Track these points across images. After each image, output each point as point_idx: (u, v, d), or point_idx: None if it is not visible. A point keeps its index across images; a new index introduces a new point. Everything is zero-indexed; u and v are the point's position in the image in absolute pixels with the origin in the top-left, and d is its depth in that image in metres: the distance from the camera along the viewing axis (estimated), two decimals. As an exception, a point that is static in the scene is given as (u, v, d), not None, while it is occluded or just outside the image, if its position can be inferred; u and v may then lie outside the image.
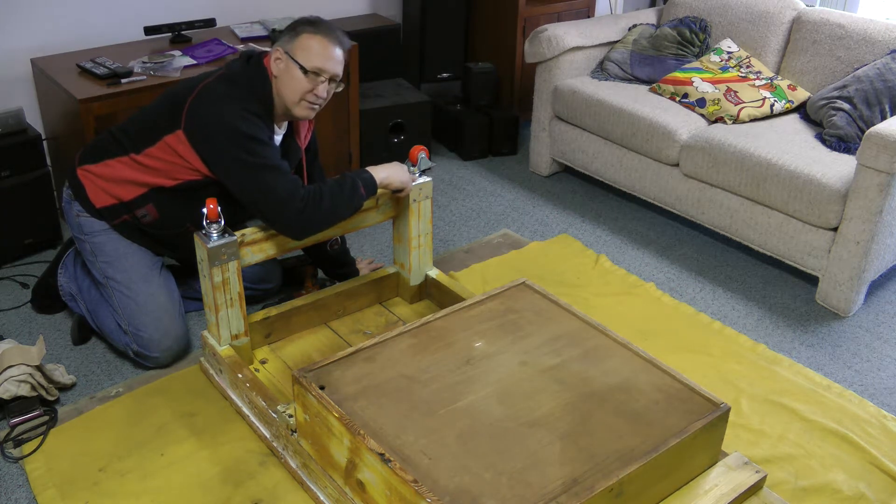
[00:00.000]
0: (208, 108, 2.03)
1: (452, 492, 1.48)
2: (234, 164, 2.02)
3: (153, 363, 2.23)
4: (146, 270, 2.23)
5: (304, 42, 2.09)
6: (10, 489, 1.87)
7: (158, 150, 2.09)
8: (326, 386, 1.72)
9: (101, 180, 2.18)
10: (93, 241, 2.22)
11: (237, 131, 2.01)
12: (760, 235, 2.75)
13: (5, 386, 2.01)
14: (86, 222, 2.22)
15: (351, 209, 2.12)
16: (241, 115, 2.02)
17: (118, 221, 2.20)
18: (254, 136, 2.02)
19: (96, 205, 2.19)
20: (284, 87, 2.10)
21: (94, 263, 2.24)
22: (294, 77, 2.09)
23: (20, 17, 2.83)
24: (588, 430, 1.64)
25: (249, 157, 2.01)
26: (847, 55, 2.97)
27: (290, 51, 2.09)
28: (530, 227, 3.13)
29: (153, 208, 2.17)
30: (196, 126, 2.04)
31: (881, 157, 2.33)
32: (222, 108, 2.03)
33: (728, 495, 1.71)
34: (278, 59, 2.10)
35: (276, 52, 2.11)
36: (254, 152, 2.02)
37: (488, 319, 1.98)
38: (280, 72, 2.10)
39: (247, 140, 2.01)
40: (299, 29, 2.11)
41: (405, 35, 3.81)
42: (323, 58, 2.10)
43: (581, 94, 3.24)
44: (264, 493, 1.84)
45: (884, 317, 2.60)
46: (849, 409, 2.15)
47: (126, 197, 2.16)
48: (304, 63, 2.08)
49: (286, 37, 2.12)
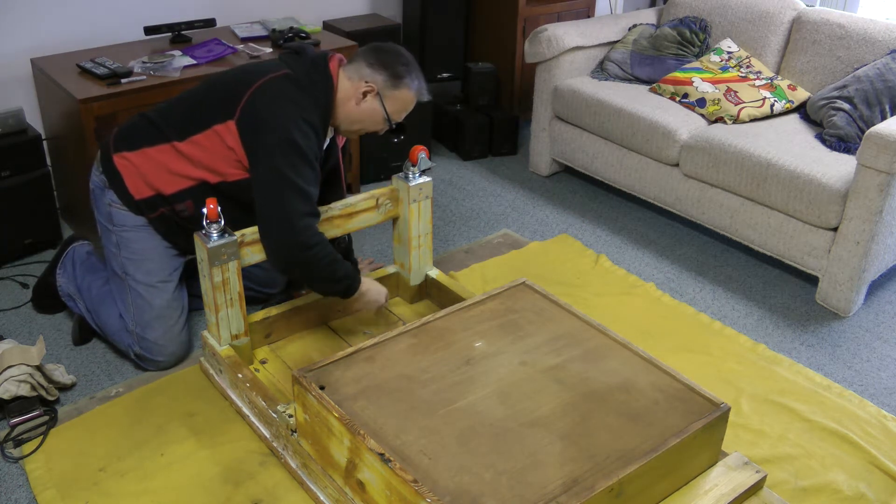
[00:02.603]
0: (269, 104, 1.99)
1: (452, 492, 1.48)
2: (272, 169, 1.97)
3: (154, 366, 2.22)
4: (166, 276, 2.21)
5: (403, 96, 2.10)
6: (10, 489, 1.87)
7: (205, 139, 2.04)
8: (326, 386, 1.72)
9: (140, 169, 2.10)
10: (121, 235, 2.17)
11: (289, 139, 1.96)
12: (760, 235, 2.75)
13: (5, 386, 2.01)
14: (117, 213, 2.16)
15: (322, 289, 2.12)
16: (299, 124, 1.98)
17: (156, 215, 2.15)
18: (304, 151, 1.98)
19: (135, 196, 2.12)
20: (356, 116, 2.10)
21: (116, 256, 2.20)
22: (374, 118, 2.11)
23: (20, 17, 2.83)
24: (588, 430, 1.64)
25: (289, 171, 1.96)
26: (847, 55, 2.97)
27: (385, 96, 2.07)
28: (530, 227, 3.13)
29: (192, 205, 2.11)
30: (251, 118, 1.99)
31: (881, 157, 2.33)
32: (283, 110, 1.99)
33: (728, 495, 1.71)
34: (369, 93, 2.07)
35: (368, 84, 2.06)
36: (296, 167, 1.97)
37: (488, 319, 1.98)
38: (363, 104, 2.08)
39: (295, 152, 1.97)
40: (404, 78, 2.08)
41: (405, 35, 3.81)
42: (406, 113, 2.15)
43: (581, 94, 3.24)
44: (264, 493, 1.84)
45: (884, 317, 2.60)
46: (849, 409, 2.15)
47: (167, 191, 2.10)
48: (392, 115, 2.11)
49: (386, 75, 2.06)
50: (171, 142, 2.08)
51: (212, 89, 2.12)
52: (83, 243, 2.47)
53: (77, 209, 2.83)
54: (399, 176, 2.31)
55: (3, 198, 2.64)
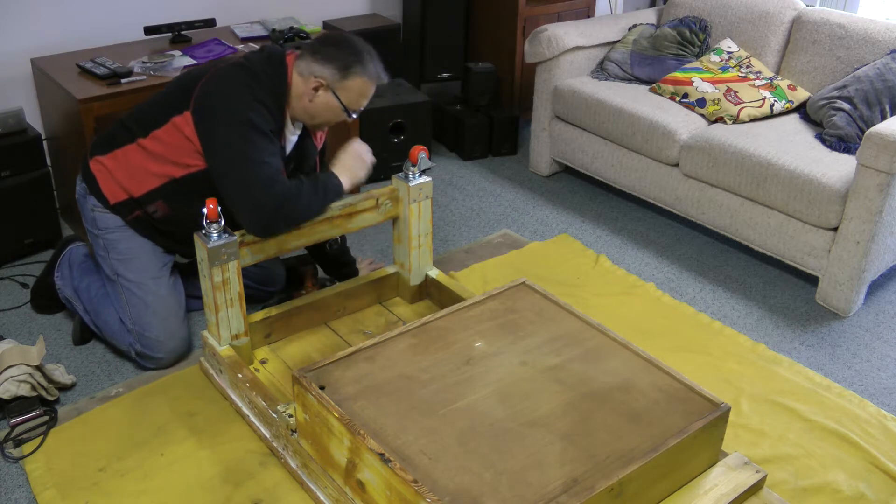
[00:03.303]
0: (218, 88, 2.00)
1: (452, 492, 1.48)
2: (225, 148, 1.97)
3: (155, 364, 2.23)
4: (157, 271, 2.22)
5: (356, 84, 2.07)
6: (10, 489, 1.87)
7: (165, 133, 2.06)
8: (326, 386, 1.72)
9: (112, 173, 2.15)
10: (106, 238, 2.20)
11: (241, 118, 1.96)
12: (760, 235, 2.75)
13: (5, 386, 2.01)
14: (101, 217, 2.20)
15: (320, 213, 2.09)
16: (250, 103, 1.98)
17: (132, 217, 2.18)
18: (256, 125, 1.98)
19: (110, 200, 2.17)
20: (314, 112, 2.09)
21: (105, 259, 2.23)
22: (331, 110, 2.10)
23: (20, 17, 2.83)
24: (588, 430, 1.64)
25: (244, 145, 1.95)
26: (847, 55, 2.97)
27: (336, 88, 2.06)
28: (530, 227, 3.13)
29: (163, 205, 2.14)
30: (203, 104, 2.00)
31: (881, 157, 2.33)
32: (232, 91, 1.99)
33: (728, 495, 1.71)
34: (318, 88, 2.06)
35: (316, 80, 2.05)
36: (250, 141, 1.96)
37: (488, 319, 1.98)
38: (316, 99, 2.07)
39: (248, 127, 1.96)
40: (351, 67, 2.05)
41: (405, 35, 3.81)
42: (366, 100, 2.13)
43: (581, 94, 3.24)
44: (264, 493, 1.84)
45: (884, 317, 2.60)
46: (849, 409, 2.15)
47: (137, 192, 2.14)
48: (349, 105, 2.09)
49: (333, 68, 2.04)
50: (136, 139, 2.11)
51: (173, 84, 2.14)
52: (80, 244, 2.47)
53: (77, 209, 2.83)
54: (399, 176, 2.31)
55: (3, 198, 2.64)
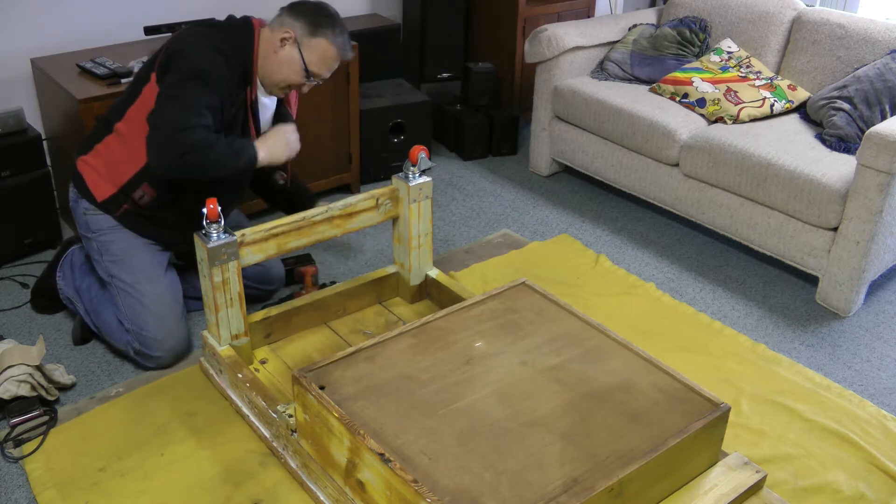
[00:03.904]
0: (180, 44, 2.01)
1: (452, 492, 1.48)
2: (168, 88, 1.96)
3: (154, 363, 2.22)
4: (152, 270, 2.22)
5: (321, 45, 2.09)
6: (10, 489, 1.87)
7: (137, 108, 2.07)
8: (326, 386, 1.72)
9: (96, 169, 2.17)
10: (100, 240, 2.21)
11: (196, 66, 1.96)
12: (760, 235, 2.75)
13: (5, 386, 2.01)
14: (93, 220, 2.21)
15: (225, 172, 2.05)
16: (208, 53, 1.98)
17: (120, 212, 2.19)
18: (207, 78, 1.96)
19: (98, 198, 2.18)
20: (276, 66, 2.09)
21: (99, 262, 2.24)
22: (292, 67, 2.09)
23: (20, 17, 2.83)
24: (588, 430, 1.64)
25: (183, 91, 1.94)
26: (847, 55, 2.97)
27: (303, 44, 2.07)
28: (530, 227, 3.13)
29: (148, 187, 2.14)
30: (165, 60, 2.01)
31: (881, 157, 2.33)
32: (193, 42, 2.00)
33: (728, 495, 1.71)
34: (286, 41, 2.08)
35: (286, 31, 2.08)
36: (193, 90, 1.95)
37: (488, 319, 1.98)
38: (280, 51, 2.07)
39: (196, 78, 1.95)
40: (322, 28, 2.09)
41: (405, 35, 3.81)
42: (328, 68, 2.13)
43: (581, 94, 3.24)
44: (264, 493, 1.84)
45: (884, 317, 2.60)
46: (849, 409, 2.15)
47: (121, 180, 2.15)
48: (310, 65, 2.08)
49: (304, 22, 2.08)
50: (113, 126, 2.13)
51: (145, 62, 2.15)
52: (82, 246, 2.47)
53: (77, 209, 2.83)
54: (399, 176, 2.31)
55: (3, 198, 2.64)
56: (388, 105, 3.33)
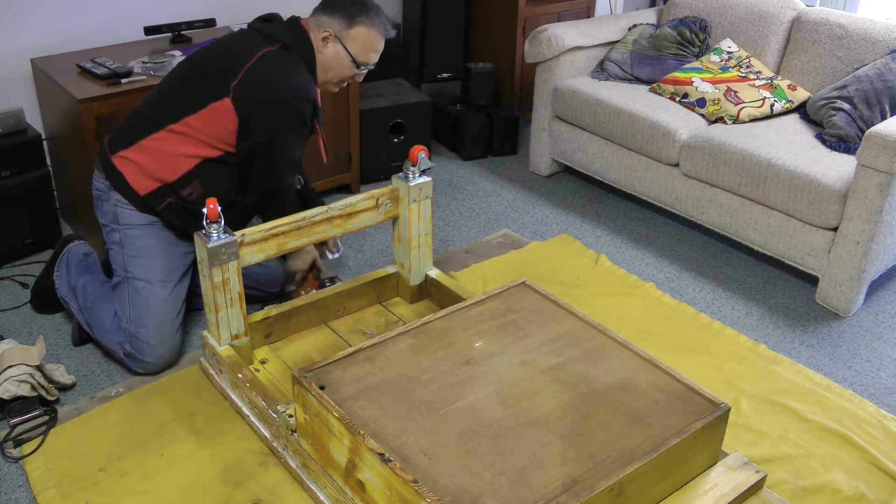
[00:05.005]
0: (265, 81, 2.08)
1: (452, 492, 1.48)
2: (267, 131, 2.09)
3: (142, 368, 2.20)
4: (166, 275, 2.22)
5: (361, 33, 2.14)
6: (10, 489, 1.87)
7: (200, 118, 2.10)
8: (326, 386, 1.72)
9: (140, 164, 2.15)
10: (125, 232, 2.20)
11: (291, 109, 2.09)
12: (760, 235, 2.75)
13: (5, 386, 2.01)
14: (123, 213, 2.20)
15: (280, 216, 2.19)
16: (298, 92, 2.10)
17: (163, 206, 2.18)
18: (303, 118, 2.12)
19: (140, 192, 2.17)
20: (328, 67, 2.16)
21: (118, 254, 2.22)
22: (341, 63, 2.16)
23: (20, 17, 2.83)
24: (588, 430, 1.65)
25: (286, 133, 2.10)
26: (847, 55, 2.97)
27: (343, 37, 2.13)
28: (530, 227, 3.13)
29: (199, 185, 2.17)
30: (248, 95, 2.07)
31: (881, 157, 2.33)
32: (279, 80, 2.09)
33: (728, 495, 1.71)
34: (327, 39, 2.13)
35: (325, 30, 2.13)
36: (294, 131, 2.11)
37: (488, 319, 1.98)
38: (325, 50, 2.14)
39: (295, 120, 2.10)
40: (357, 17, 2.14)
41: (405, 35, 3.81)
42: (374, 52, 2.19)
43: (581, 94, 3.24)
44: (264, 493, 1.84)
45: (884, 317, 2.60)
46: (849, 409, 2.15)
47: (170, 178, 2.16)
48: (357, 56, 2.14)
49: (339, 17, 2.14)
50: (166, 126, 2.13)
51: (199, 70, 2.16)
52: (79, 243, 2.47)
53: (77, 209, 2.83)
54: (399, 176, 2.31)
55: (3, 198, 2.64)
56: (387, 105, 3.33)
